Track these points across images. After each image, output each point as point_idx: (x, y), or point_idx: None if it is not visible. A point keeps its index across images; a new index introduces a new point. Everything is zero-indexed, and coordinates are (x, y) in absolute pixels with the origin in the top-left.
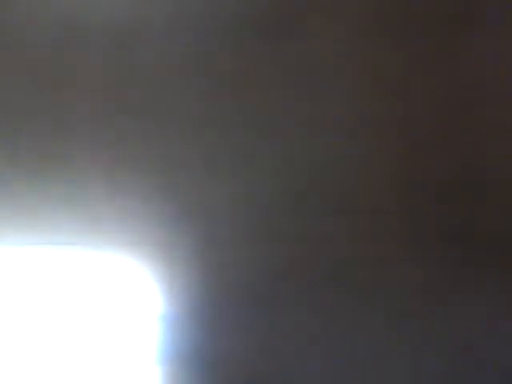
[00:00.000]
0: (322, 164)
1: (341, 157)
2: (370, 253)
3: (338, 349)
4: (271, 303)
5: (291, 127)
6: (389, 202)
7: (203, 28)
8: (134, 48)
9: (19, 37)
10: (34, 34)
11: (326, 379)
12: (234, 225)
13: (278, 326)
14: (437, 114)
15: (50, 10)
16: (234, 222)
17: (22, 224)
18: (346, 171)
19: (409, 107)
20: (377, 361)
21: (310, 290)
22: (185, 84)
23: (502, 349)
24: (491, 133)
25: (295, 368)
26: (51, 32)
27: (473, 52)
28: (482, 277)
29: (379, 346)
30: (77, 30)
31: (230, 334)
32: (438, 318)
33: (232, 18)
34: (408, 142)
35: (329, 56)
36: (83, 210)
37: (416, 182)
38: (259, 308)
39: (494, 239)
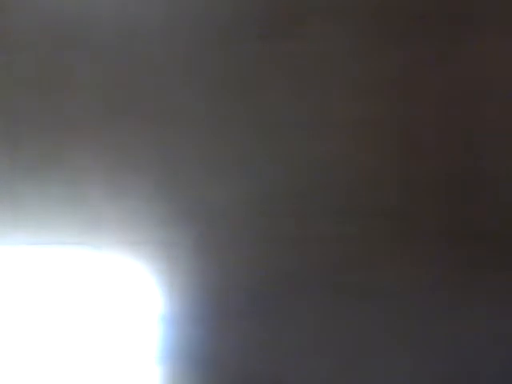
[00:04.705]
0: (322, 164)
1: (341, 157)
2: (370, 253)
3: (338, 349)
4: (271, 303)
5: (291, 127)
6: (389, 202)
7: (203, 28)
8: (133, 48)
9: (19, 37)
10: (34, 34)
11: (326, 379)
12: (233, 225)
13: (278, 325)
14: (437, 113)
15: (50, 10)
16: (234, 221)
17: (21, 224)
18: (347, 171)
19: (409, 107)
20: (377, 361)
21: (310, 290)
22: (185, 84)
23: (502, 348)
24: (491, 133)
25: (295, 368)
26: (51, 32)
27: (473, 52)
28: (482, 277)
29: (379, 345)
30: (77, 29)
31: (229, 334)
32: (438, 317)
33: (232, 18)
34: (408, 142)
35: (329, 56)
36: (83, 210)
37: (416, 182)
38: (259, 308)
39: (493, 239)
